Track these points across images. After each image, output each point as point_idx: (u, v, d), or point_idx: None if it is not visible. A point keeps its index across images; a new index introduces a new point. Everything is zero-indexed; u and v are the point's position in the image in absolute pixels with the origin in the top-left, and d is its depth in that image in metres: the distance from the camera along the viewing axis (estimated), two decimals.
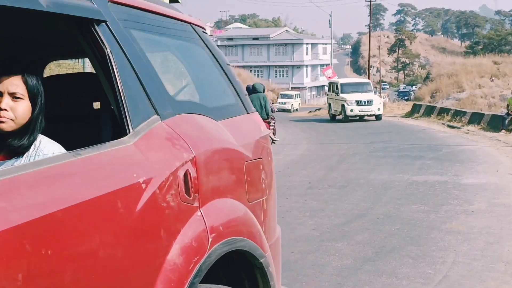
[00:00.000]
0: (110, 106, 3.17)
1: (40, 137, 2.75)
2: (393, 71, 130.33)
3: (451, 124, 29.16)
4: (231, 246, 2.88)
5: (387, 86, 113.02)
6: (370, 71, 69.52)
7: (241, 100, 3.90)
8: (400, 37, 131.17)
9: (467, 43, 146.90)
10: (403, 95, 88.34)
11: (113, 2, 2.82)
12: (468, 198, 10.89)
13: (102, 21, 2.65)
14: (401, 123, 31.99)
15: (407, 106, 45.46)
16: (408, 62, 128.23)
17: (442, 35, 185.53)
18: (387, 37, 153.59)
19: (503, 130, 24.08)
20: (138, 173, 2.43)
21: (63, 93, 3.73)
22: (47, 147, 2.72)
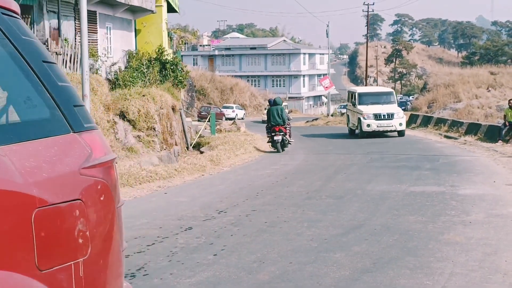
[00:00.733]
0: None
1: None
2: (390, 81, 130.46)
3: (448, 134, 29.19)
4: None
5: None
6: (367, 81, 69.63)
7: (63, 113, 2.93)
8: (397, 47, 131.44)
9: (464, 53, 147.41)
10: (400, 105, 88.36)
11: None
12: (465, 208, 10.89)
13: None
14: None
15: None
16: (405, 72, 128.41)
17: (439, 46, 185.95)
18: (384, 47, 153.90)
19: (500, 141, 24.12)
20: None
21: None
22: None
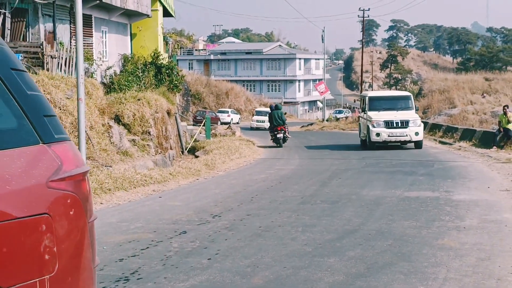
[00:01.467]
0: None
1: None
2: (386, 86, 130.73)
3: (443, 140, 29.25)
4: None
5: None
6: (363, 86, 69.74)
7: (32, 123, 2.83)
8: (392, 53, 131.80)
9: (459, 59, 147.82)
10: None
11: None
12: (459, 214, 10.90)
13: None
14: None
15: None
16: (400, 78, 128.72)
17: (434, 51, 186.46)
18: (380, 52, 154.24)
19: (494, 147, 24.17)
20: None
21: None
22: None
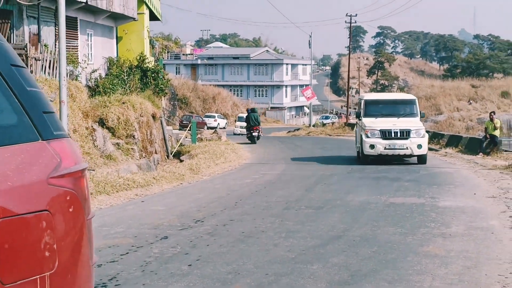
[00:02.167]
0: None
1: None
2: (372, 93, 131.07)
3: (429, 146, 29.19)
4: None
5: None
6: (350, 92, 69.78)
7: (31, 120, 2.83)
8: (379, 59, 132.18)
9: (446, 66, 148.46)
10: None
11: None
12: (445, 221, 10.78)
13: None
14: None
15: None
16: (387, 84, 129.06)
17: (421, 58, 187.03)
18: (367, 59, 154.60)
19: (480, 153, 24.14)
20: None
21: None
22: None
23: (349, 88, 68.32)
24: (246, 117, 36.79)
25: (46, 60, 20.72)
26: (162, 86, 27.70)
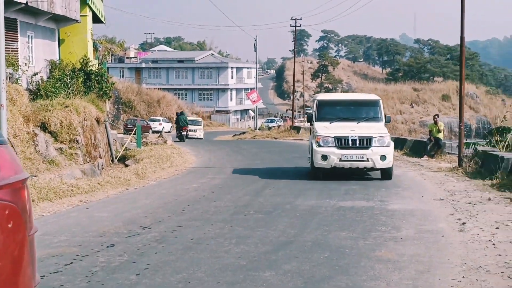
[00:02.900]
0: None
1: None
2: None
3: None
4: None
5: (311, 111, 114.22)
6: (294, 95, 70.04)
7: None
8: (323, 63, 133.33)
9: (388, 70, 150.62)
10: None
11: None
12: (395, 224, 10.74)
13: None
14: None
15: None
16: (331, 88, 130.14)
17: (364, 62, 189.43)
18: (311, 62, 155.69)
19: (425, 156, 24.39)
20: None
21: None
22: None
23: (294, 91, 68.56)
24: (176, 119, 43.78)
25: None
26: (106, 89, 27.19)
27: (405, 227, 10.50)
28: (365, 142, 17.30)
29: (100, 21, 36.26)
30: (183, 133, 40.72)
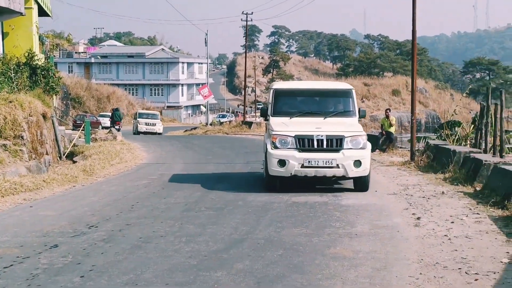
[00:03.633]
0: None
1: None
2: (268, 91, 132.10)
3: None
4: None
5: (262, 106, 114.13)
6: (246, 91, 69.75)
7: None
8: (274, 58, 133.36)
9: (339, 65, 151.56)
10: None
11: None
12: (350, 220, 10.53)
13: None
14: None
15: None
16: None
17: (314, 57, 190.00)
18: (262, 58, 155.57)
19: (377, 150, 24.37)
20: None
21: None
22: None
23: (246, 86, 68.26)
24: (111, 115, 46.94)
25: None
26: (53, 84, 26.41)
27: (359, 222, 10.30)
28: (335, 143, 13.66)
29: (47, 15, 35.35)
30: (116, 127, 41.76)
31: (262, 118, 17.07)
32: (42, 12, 33.18)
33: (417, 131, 30.48)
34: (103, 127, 54.77)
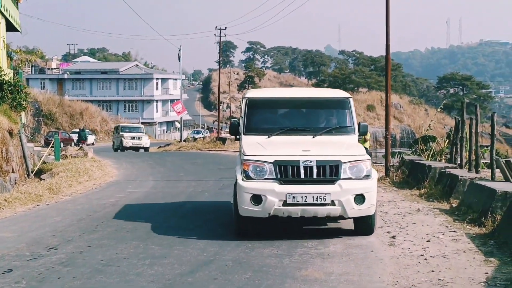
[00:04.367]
0: None
1: None
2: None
3: None
4: None
5: None
6: (221, 107, 69.36)
7: None
8: (249, 74, 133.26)
9: (314, 80, 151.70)
10: None
11: None
12: (322, 239, 10.11)
13: None
14: None
15: None
16: None
17: (290, 73, 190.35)
18: (237, 73, 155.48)
19: None
20: None
21: None
22: None
23: (220, 102, 67.88)
24: (78, 134, 55.21)
25: None
26: (20, 100, 25.78)
27: (332, 242, 9.89)
28: (328, 172, 10.07)
29: (16, 29, 34.73)
30: (81, 145, 42.83)
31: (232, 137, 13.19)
32: (10, 27, 32.58)
33: (392, 146, 30.27)
34: (75, 144, 53.94)
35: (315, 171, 9.99)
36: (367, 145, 25.38)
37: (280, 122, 11.68)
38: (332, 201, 9.89)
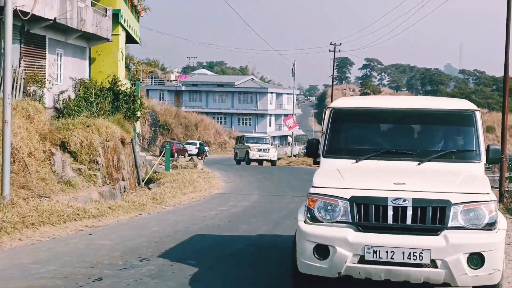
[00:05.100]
0: None
1: None
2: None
3: None
4: None
5: None
6: None
7: None
8: (365, 91, 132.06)
9: None
10: None
11: None
12: None
13: None
14: None
15: None
16: None
17: (407, 91, 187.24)
18: (353, 90, 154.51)
19: None
20: None
21: None
22: None
23: None
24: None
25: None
26: (134, 110, 26.56)
27: None
28: (431, 217, 6.85)
29: (136, 42, 35.91)
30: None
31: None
32: (130, 39, 33.71)
33: (510, 170, 28.89)
34: (189, 155, 54.97)
35: (409, 214, 6.83)
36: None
37: (376, 141, 8.50)
38: (433, 260, 6.68)
